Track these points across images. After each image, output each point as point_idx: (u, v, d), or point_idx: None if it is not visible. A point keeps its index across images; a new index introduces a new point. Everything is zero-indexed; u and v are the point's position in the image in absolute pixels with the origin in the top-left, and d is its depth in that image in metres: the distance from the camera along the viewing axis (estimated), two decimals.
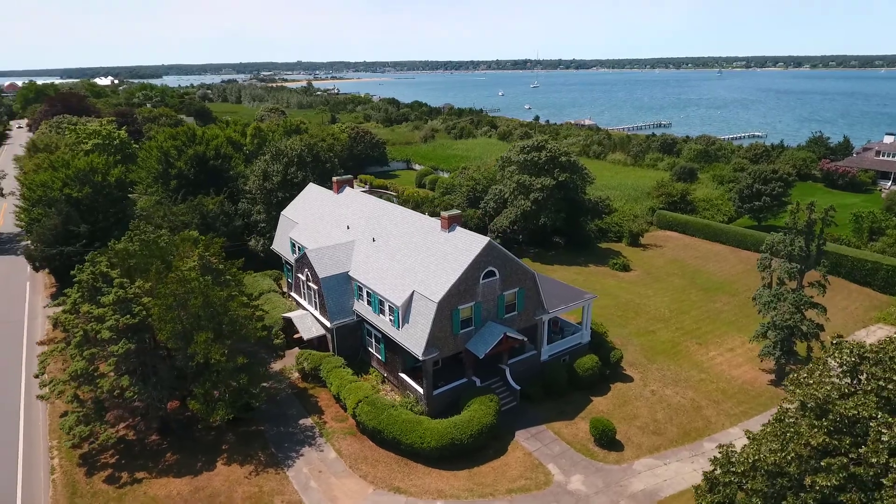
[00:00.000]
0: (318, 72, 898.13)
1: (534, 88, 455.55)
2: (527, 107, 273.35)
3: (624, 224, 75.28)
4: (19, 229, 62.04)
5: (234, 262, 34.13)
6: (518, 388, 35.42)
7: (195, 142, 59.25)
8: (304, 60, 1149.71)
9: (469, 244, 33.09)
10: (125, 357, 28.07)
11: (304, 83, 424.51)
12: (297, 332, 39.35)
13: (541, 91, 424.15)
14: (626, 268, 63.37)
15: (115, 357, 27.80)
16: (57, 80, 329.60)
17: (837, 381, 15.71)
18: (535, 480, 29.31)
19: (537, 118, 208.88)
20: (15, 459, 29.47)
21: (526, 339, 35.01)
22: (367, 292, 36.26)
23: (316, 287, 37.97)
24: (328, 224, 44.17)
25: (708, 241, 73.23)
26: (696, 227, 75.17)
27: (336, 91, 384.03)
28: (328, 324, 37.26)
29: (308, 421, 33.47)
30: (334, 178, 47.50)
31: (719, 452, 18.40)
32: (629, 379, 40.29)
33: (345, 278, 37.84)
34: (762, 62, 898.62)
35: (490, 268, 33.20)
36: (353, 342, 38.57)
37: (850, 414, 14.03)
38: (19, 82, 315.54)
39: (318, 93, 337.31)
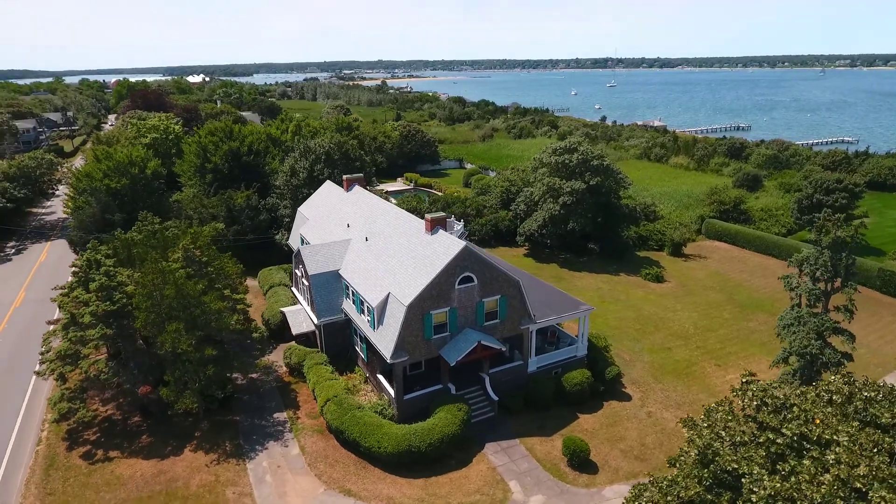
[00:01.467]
0: (396, 70, 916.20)
1: (610, 88, 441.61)
2: (597, 107, 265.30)
3: (667, 232, 71.20)
4: None
5: (223, 255, 35.18)
6: (496, 398, 34.27)
7: (231, 138, 61.81)
8: (384, 59, 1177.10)
9: (446, 248, 32.34)
10: (104, 341, 29.61)
11: (378, 81, 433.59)
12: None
13: (617, 91, 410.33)
14: (659, 278, 59.97)
15: (93, 341, 29.39)
16: (155, 78, 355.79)
17: (736, 426, 13.79)
18: (491, 497, 28.20)
19: (604, 118, 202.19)
20: (11, 430, 31.93)
21: (504, 348, 33.78)
22: (353, 291, 36.33)
23: (307, 283, 38.53)
24: (333, 221, 44.71)
25: (758, 255, 67.97)
26: (746, 239, 69.95)
27: (409, 89, 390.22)
28: (316, 320, 37.69)
29: (283, 415, 34.02)
30: (345, 177, 48.02)
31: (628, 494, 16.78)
32: (627, 398, 37.99)
33: (335, 276, 38.12)
34: (870, 60, 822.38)
35: (467, 273, 32.27)
36: (342, 340, 38.79)
37: (729, 468, 12.26)
38: (139, 78, 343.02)
39: (390, 91, 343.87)
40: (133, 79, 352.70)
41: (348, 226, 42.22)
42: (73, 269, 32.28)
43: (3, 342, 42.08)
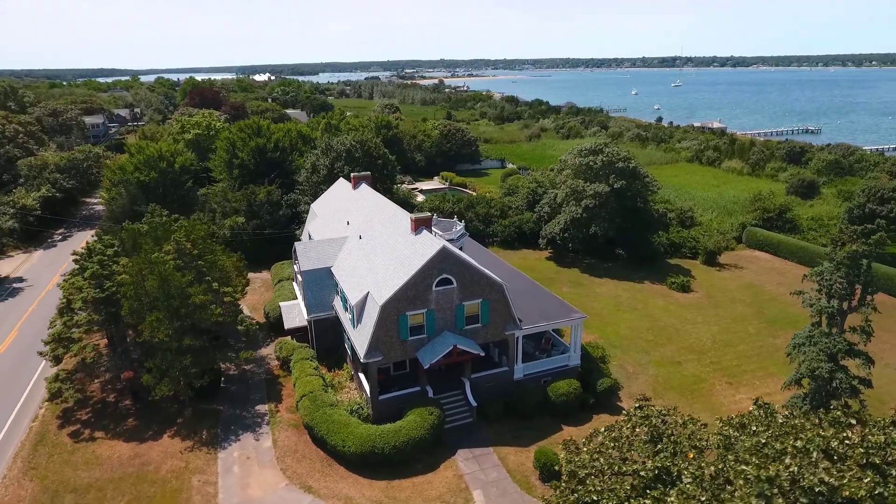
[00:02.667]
0: (457, 69, 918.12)
1: (675, 88, 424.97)
2: (656, 107, 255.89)
3: (701, 240, 67.69)
4: None
5: (216, 249, 36.13)
6: (475, 404, 33.52)
7: (258, 135, 63.62)
8: (446, 58, 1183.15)
9: (425, 249, 31.88)
10: (92, 326, 31.07)
11: (436, 80, 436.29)
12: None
13: (682, 91, 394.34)
14: (684, 288, 57.10)
15: (82, 326, 30.88)
16: (224, 76, 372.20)
17: (615, 452, 12.68)
18: None
19: (659, 119, 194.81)
20: (13, 407, 34.05)
21: (482, 353, 32.94)
22: (340, 289, 36.50)
23: (300, 279, 39.04)
24: (337, 219, 45.12)
25: (801, 267, 63.38)
26: (789, 249, 65.47)
27: (465, 88, 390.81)
28: (307, 316, 38.13)
29: (264, 408, 34.62)
30: (353, 175, 48.35)
31: None
32: (619, 412, 36.20)
33: (327, 273, 38.42)
34: None
35: (445, 275, 31.69)
36: (334, 337, 39.05)
37: (588, 499, 11.28)
38: (199, 77, 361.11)
39: (446, 90, 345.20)
40: (204, 77, 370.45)
41: (348, 223, 42.48)
42: (74, 256, 34.06)
43: (31, 323, 45.00)
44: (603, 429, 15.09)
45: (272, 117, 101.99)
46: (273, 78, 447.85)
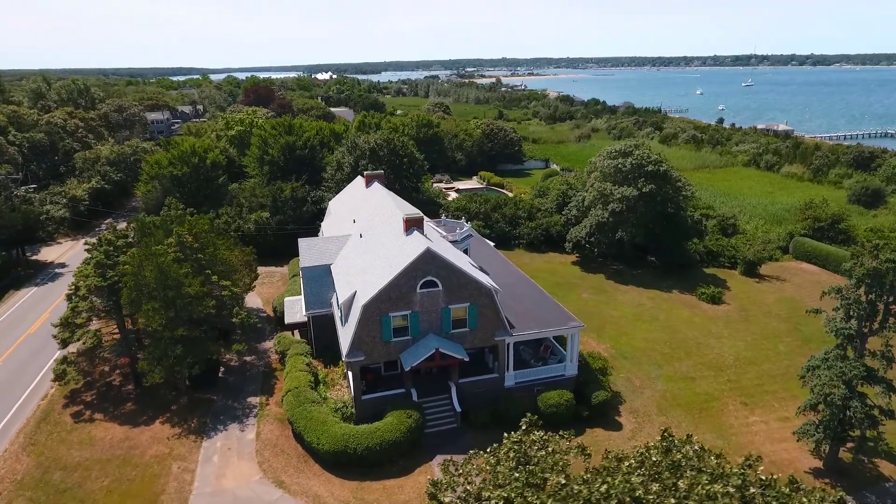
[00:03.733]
0: (519, 68, 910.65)
1: (746, 87, 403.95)
2: (720, 107, 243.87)
3: (742, 248, 63.92)
4: None
5: (218, 242, 37.15)
6: (459, 409, 32.89)
7: (289, 133, 65.14)
8: (508, 57, 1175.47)
9: (411, 250, 31.52)
10: (93, 313, 32.64)
11: (493, 79, 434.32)
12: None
13: (752, 91, 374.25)
14: (715, 299, 54.10)
15: (84, 312, 32.51)
16: (287, 75, 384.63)
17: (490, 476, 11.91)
18: None
19: (721, 121, 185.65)
20: (29, 385, 36.24)
21: (466, 358, 32.22)
22: (335, 286, 36.71)
23: (302, 276, 39.57)
24: (346, 217, 45.49)
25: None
26: (839, 262, 60.50)
27: (523, 87, 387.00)
28: (304, 312, 38.62)
29: (256, 400, 35.32)
30: (365, 173, 48.57)
31: None
32: (616, 427, 34.70)
33: (327, 271, 38.73)
34: None
35: (429, 277, 31.23)
36: (332, 334, 39.12)
37: None
38: (274, 76, 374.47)
39: (502, 89, 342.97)
40: (274, 75, 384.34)
41: (354, 221, 42.72)
42: (86, 246, 35.92)
43: (60, 308, 47.89)
44: (484, 451, 14.50)
45: (315, 115, 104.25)
46: (335, 77, 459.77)
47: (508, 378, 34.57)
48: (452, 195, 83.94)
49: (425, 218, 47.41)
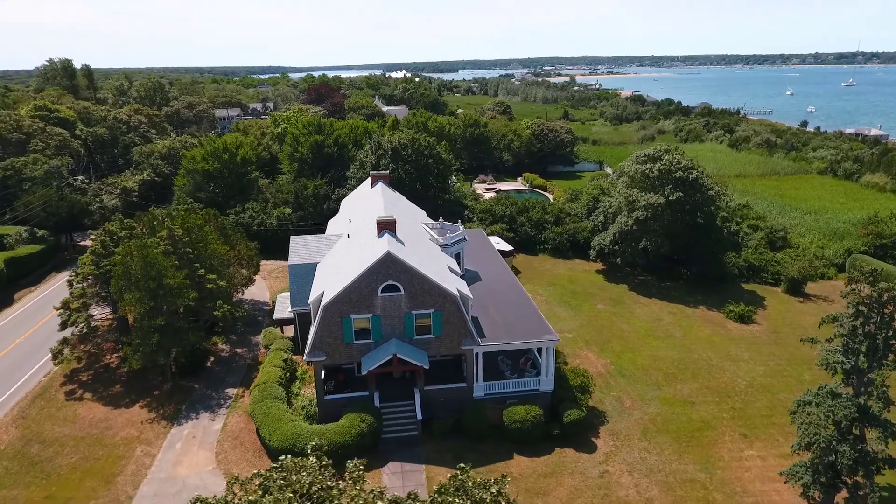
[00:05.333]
0: (599, 66, 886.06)
1: (846, 88, 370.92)
2: (810, 109, 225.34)
3: (787, 264, 58.89)
4: None
5: (210, 237, 38.51)
6: (420, 417, 32.28)
7: (319, 132, 66.66)
8: (588, 55, 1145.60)
9: (374, 253, 31.24)
10: (84, 298, 34.81)
11: (567, 78, 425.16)
12: None
13: (853, 91, 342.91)
14: (744, 318, 50.24)
15: (79, 298, 34.73)
16: (361, 73, 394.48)
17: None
18: None
19: (804, 124, 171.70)
20: (35, 363, 39.03)
21: (426, 365, 31.50)
22: (313, 285, 37.08)
23: (289, 273, 40.27)
24: (347, 216, 45.88)
25: None
26: None
27: (597, 86, 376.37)
28: (290, 308, 39.33)
29: (233, 391, 36.37)
30: (371, 173, 48.75)
31: None
32: (590, 449, 32.82)
33: (313, 269, 39.19)
34: None
35: (391, 281, 30.83)
36: None
37: None
38: (352, 74, 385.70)
39: (574, 88, 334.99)
40: (350, 74, 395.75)
41: (350, 221, 43.00)
42: (91, 236, 38.36)
43: None
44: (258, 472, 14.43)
45: (365, 114, 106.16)
46: (408, 75, 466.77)
47: (478, 389, 33.53)
48: (487, 196, 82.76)
49: (430, 219, 47.23)
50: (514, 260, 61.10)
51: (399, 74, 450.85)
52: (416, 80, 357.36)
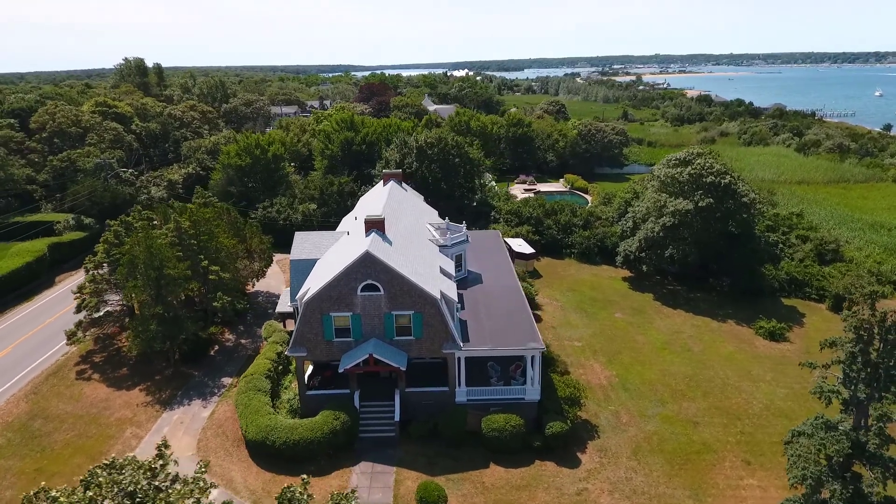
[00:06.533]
0: (671, 65, 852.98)
1: None
2: None
3: (834, 279, 54.49)
4: None
5: (216, 231, 39.77)
6: (398, 419, 32.01)
7: (349, 129, 67.59)
8: (661, 53, 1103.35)
9: (355, 252, 31.21)
10: (99, 285, 36.81)
11: (633, 77, 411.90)
12: None
13: None
14: (775, 336, 47.05)
15: (93, 283, 36.78)
16: (422, 72, 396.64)
17: None
18: None
19: (888, 127, 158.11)
20: (58, 342, 41.43)
21: (403, 367, 31.14)
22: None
23: (290, 267, 40.93)
24: (357, 214, 46.14)
25: None
26: None
27: (665, 85, 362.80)
28: (289, 302, 40.00)
29: (229, 381, 37.41)
30: (384, 171, 48.84)
31: None
32: (573, 464, 31.51)
33: (314, 265, 39.66)
34: None
35: (370, 281, 30.71)
36: None
37: None
38: (416, 73, 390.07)
39: (639, 88, 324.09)
40: (411, 73, 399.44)
41: (356, 219, 43.24)
42: (108, 225, 40.56)
43: None
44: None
45: (409, 112, 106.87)
46: (472, 73, 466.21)
47: (460, 394, 32.89)
48: (520, 197, 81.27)
49: (438, 220, 46.77)
50: (535, 263, 59.67)
51: (461, 73, 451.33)
52: (478, 78, 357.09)
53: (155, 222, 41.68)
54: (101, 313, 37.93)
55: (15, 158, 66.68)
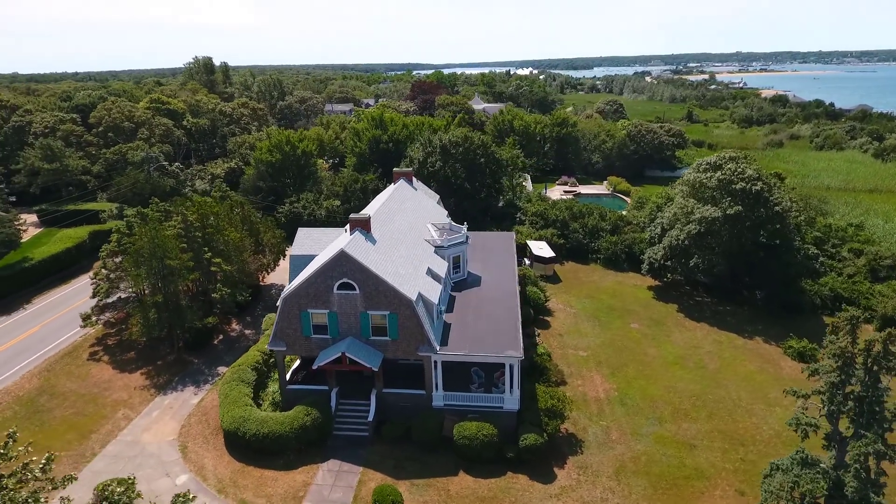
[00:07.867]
0: (753, 63, 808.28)
1: None
2: None
3: (885, 298, 49.84)
4: None
5: (222, 224, 41.04)
6: (372, 419, 31.86)
7: (378, 127, 68.14)
8: (742, 51, 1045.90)
9: (333, 250, 31.30)
10: (109, 272, 38.89)
11: (706, 76, 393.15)
12: None
13: None
14: (805, 357, 43.78)
15: (102, 270, 38.90)
16: (480, 71, 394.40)
17: None
18: None
19: None
20: (74, 325, 44.01)
21: (375, 368, 30.89)
22: None
23: (289, 262, 41.64)
24: (367, 212, 46.39)
25: None
26: None
27: (741, 84, 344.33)
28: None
29: (224, 369, 38.52)
30: (394, 170, 48.83)
31: None
32: (546, 479, 30.30)
33: (312, 260, 40.19)
34: None
35: (346, 279, 30.71)
36: None
37: None
38: (481, 71, 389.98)
39: (712, 87, 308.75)
40: (481, 71, 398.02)
41: None
42: (124, 215, 42.75)
43: None
44: None
45: (453, 111, 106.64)
46: (536, 72, 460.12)
47: (437, 398, 32.33)
48: (554, 197, 79.14)
49: (444, 220, 46.24)
50: (556, 268, 57.97)
51: (525, 71, 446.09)
52: (541, 77, 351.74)
53: (172, 214, 43.52)
54: (113, 299, 39.99)
55: (73, 151, 71.76)
